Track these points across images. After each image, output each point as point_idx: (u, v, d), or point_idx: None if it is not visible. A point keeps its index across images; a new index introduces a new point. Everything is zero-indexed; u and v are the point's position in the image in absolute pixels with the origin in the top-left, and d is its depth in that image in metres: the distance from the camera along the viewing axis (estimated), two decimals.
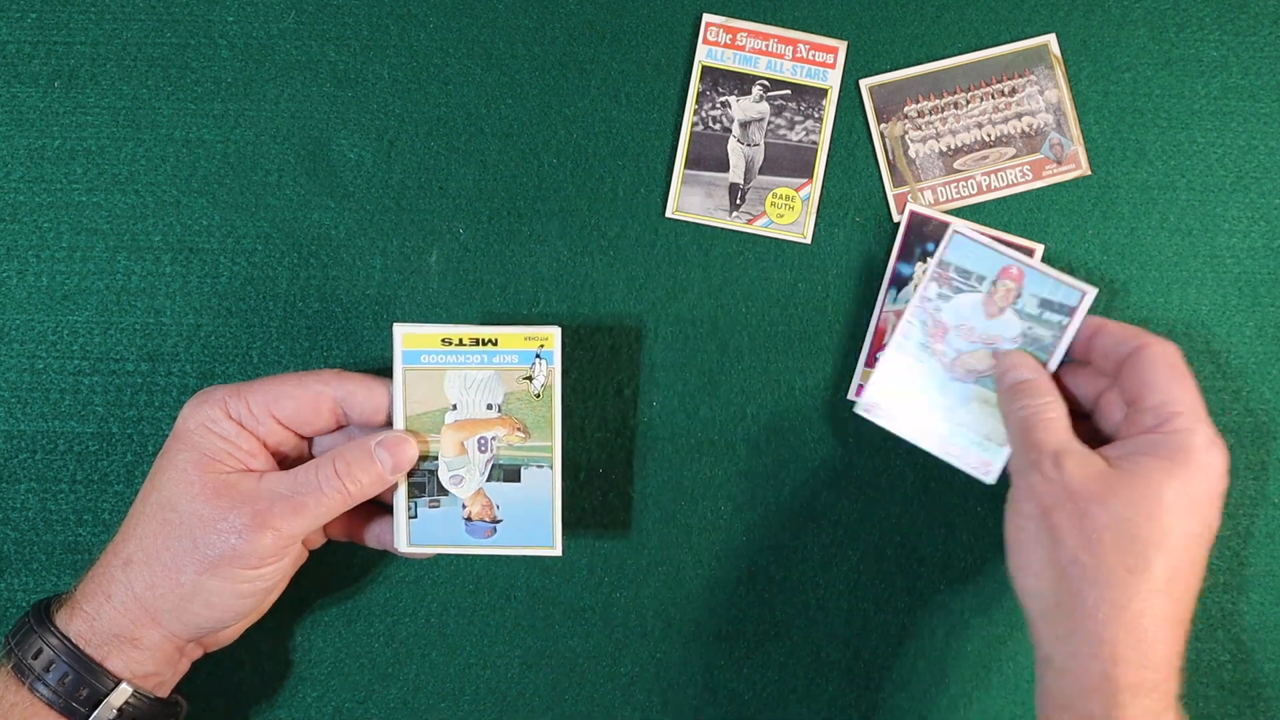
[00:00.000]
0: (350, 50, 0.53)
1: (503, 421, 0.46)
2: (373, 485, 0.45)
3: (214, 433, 0.44)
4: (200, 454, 0.43)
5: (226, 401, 0.44)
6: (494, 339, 0.46)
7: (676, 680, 0.52)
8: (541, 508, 0.47)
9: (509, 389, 0.46)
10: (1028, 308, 0.50)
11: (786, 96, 0.53)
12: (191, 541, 0.42)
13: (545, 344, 0.46)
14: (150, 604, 0.42)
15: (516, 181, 0.53)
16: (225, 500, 0.42)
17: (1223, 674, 0.53)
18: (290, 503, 0.43)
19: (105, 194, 0.52)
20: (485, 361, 0.46)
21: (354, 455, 0.44)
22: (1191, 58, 0.54)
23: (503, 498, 0.47)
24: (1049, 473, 0.43)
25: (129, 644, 0.42)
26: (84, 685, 0.41)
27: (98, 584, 0.43)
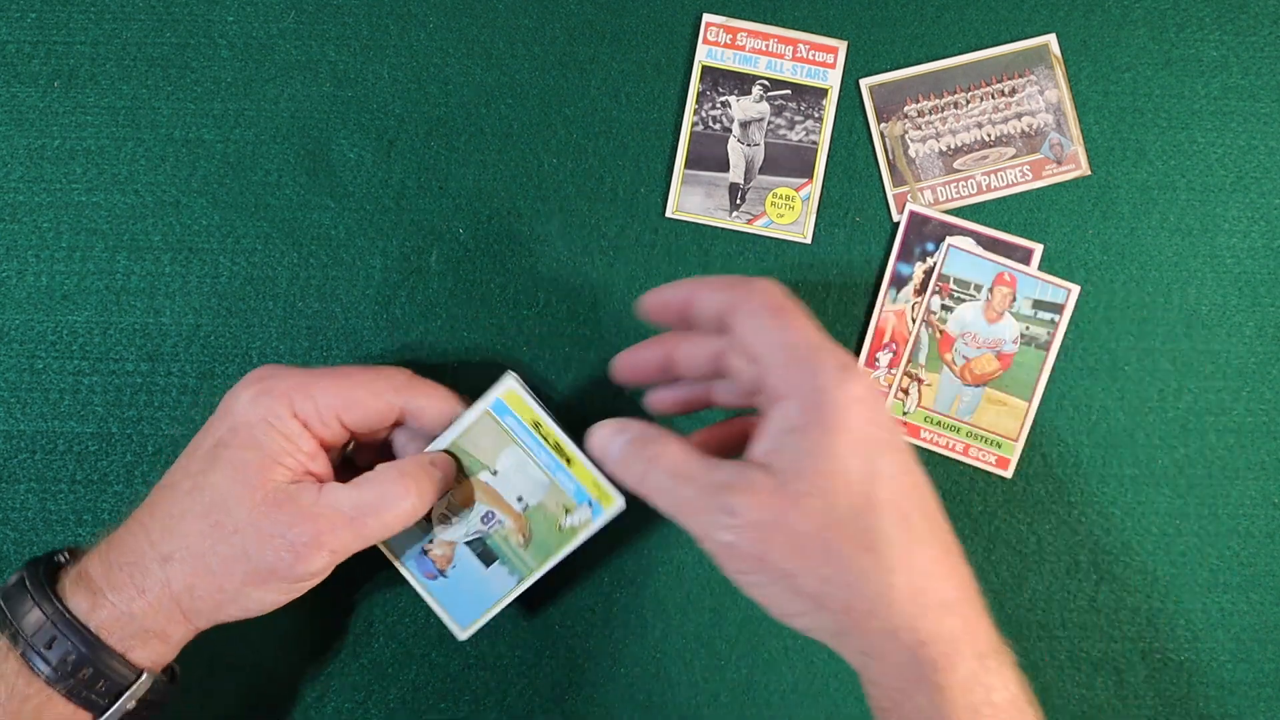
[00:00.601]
0: (350, 50, 0.53)
1: (517, 518, 0.46)
2: (427, 507, 0.44)
3: (277, 430, 0.41)
4: (262, 454, 0.41)
5: (293, 399, 0.42)
6: (570, 458, 0.46)
7: (676, 680, 0.52)
8: (484, 599, 0.47)
9: (545, 502, 0.46)
10: (1023, 309, 0.52)
11: (786, 96, 0.53)
12: (244, 552, 0.40)
13: (604, 501, 0.46)
14: (186, 605, 0.41)
15: (516, 181, 0.53)
16: (285, 515, 0.40)
17: (1223, 674, 0.53)
18: (352, 526, 0.41)
19: (105, 194, 0.52)
20: (550, 467, 0.46)
21: (419, 479, 0.43)
22: (1191, 58, 0.54)
23: (463, 564, 0.47)
24: (726, 521, 0.37)
25: (156, 638, 0.41)
26: (103, 678, 0.39)
27: (129, 575, 0.40)
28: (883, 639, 0.37)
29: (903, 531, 0.37)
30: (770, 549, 0.37)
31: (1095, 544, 0.53)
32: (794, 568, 0.37)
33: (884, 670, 0.37)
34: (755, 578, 0.38)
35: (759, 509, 0.37)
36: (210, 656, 0.51)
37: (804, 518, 0.36)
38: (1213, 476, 0.53)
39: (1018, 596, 0.53)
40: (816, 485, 0.36)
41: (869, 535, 0.36)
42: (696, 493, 0.38)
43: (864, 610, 0.37)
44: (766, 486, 0.37)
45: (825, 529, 0.36)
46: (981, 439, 0.53)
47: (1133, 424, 0.53)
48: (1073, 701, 0.53)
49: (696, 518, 0.38)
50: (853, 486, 0.36)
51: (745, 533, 0.37)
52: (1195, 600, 0.53)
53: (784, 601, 0.38)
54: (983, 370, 0.53)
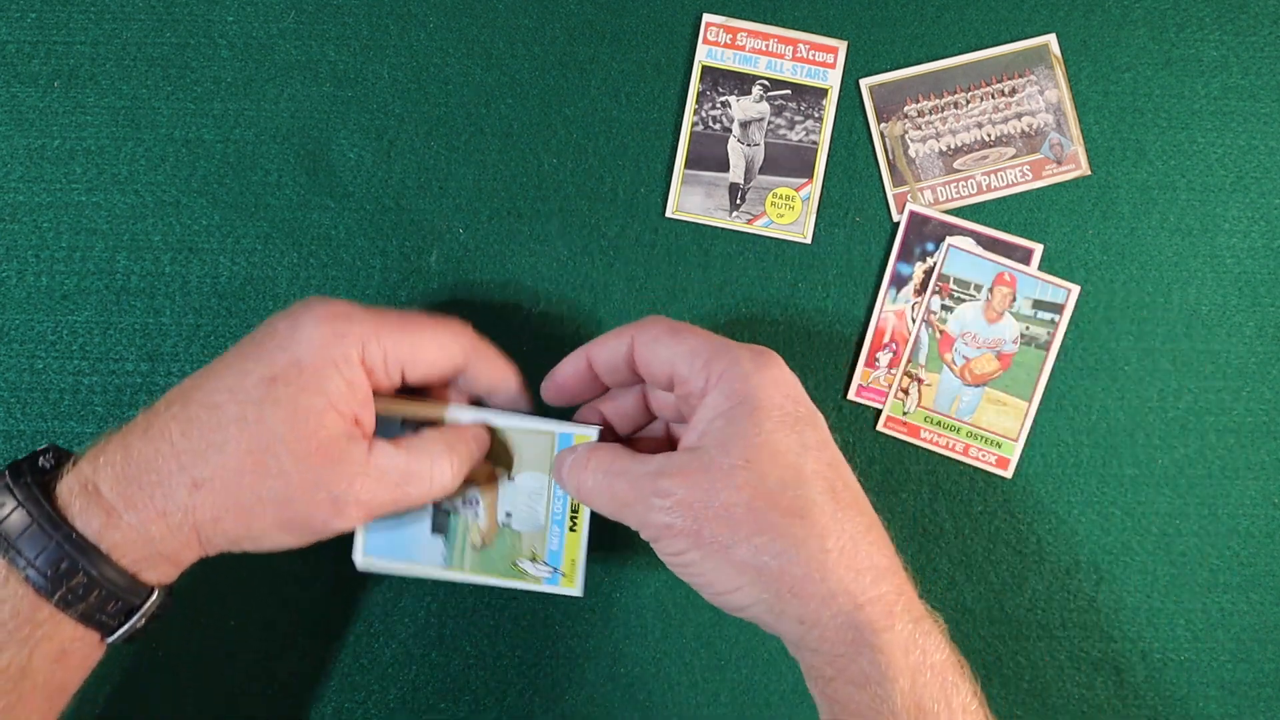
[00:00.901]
0: (350, 50, 0.53)
1: (492, 524, 0.45)
2: (461, 480, 0.43)
3: (343, 376, 0.39)
4: (325, 401, 0.39)
5: (365, 344, 0.40)
6: (575, 526, 0.45)
7: (676, 680, 0.52)
8: (403, 552, 0.45)
9: (524, 535, 0.45)
10: (1023, 309, 0.52)
11: (786, 96, 0.53)
12: (284, 497, 0.38)
13: (566, 580, 0.45)
14: (208, 534, 0.39)
15: (516, 181, 0.53)
16: (334, 472, 0.39)
17: (1223, 674, 0.53)
18: (395, 490, 0.40)
19: (105, 194, 0.52)
20: (555, 518, 0.45)
21: (463, 451, 0.43)
22: (1191, 58, 0.54)
23: (415, 514, 0.45)
24: (659, 503, 0.38)
25: (168, 561, 0.39)
26: (114, 599, 0.38)
27: (149, 496, 0.38)
28: (820, 603, 0.37)
29: (830, 500, 0.38)
30: (704, 524, 0.38)
31: (1095, 544, 0.53)
32: (728, 539, 0.37)
33: (823, 636, 0.38)
34: (692, 555, 0.38)
35: (689, 487, 0.38)
36: (210, 656, 0.51)
37: (734, 490, 0.38)
38: (1213, 476, 0.53)
39: (1018, 596, 0.53)
40: (745, 458, 0.38)
41: (800, 503, 0.38)
42: (629, 484, 0.40)
43: (800, 575, 0.37)
44: (695, 465, 0.38)
45: (756, 498, 0.38)
46: (981, 439, 0.53)
47: (1133, 424, 0.53)
48: (1073, 701, 0.53)
49: (633, 507, 0.40)
50: (780, 459, 0.38)
51: (678, 511, 0.38)
52: (1195, 600, 0.53)
53: (721, 577, 0.38)
54: (983, 370, 0.53)
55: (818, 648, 0.38)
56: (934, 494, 0.53)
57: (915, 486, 0.53)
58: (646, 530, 0.40)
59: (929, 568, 0.53)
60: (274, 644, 0.52)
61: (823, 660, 0.38)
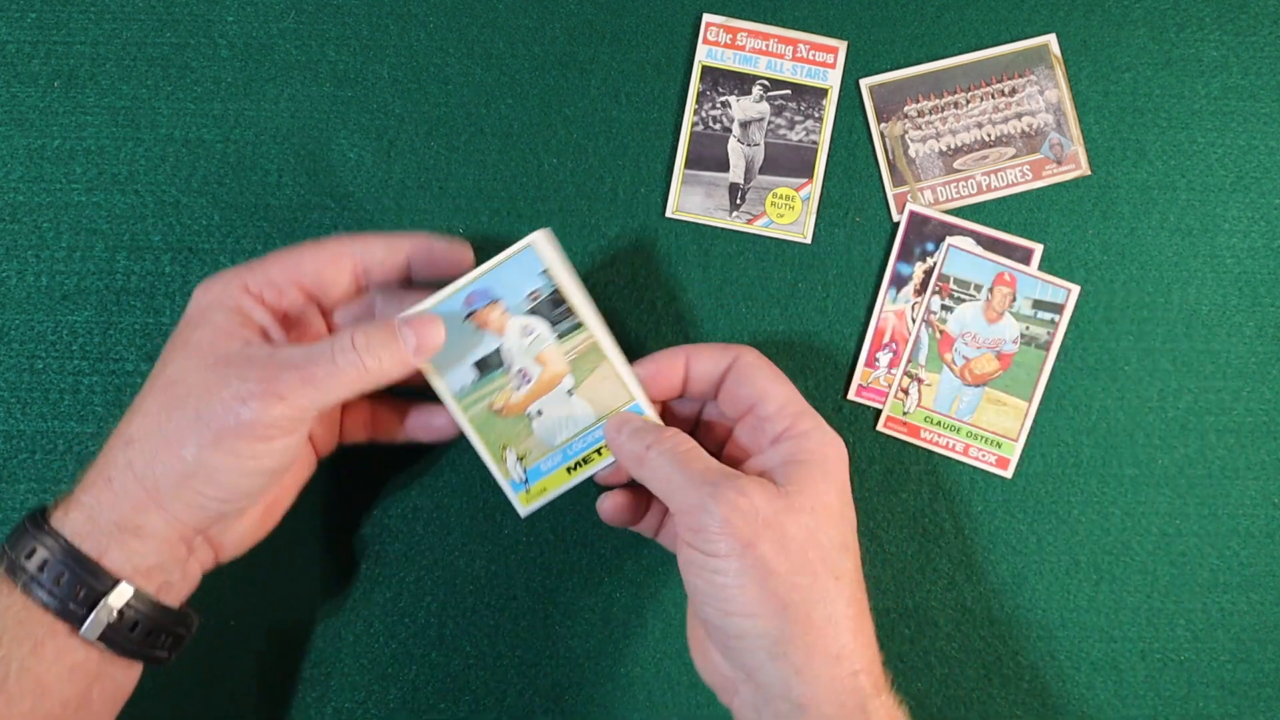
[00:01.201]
0: (350, 50, 0.53)
1: (550, 381, 0.46)
2: (393, 366, 0.42)
3: (228, 307, 0.42)
4: (215, 329, 0.41)
5: (243, 276, 0.42)
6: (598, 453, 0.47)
7: (676, 680, 0.52)
8: (460, 362, 0.46)
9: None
10: (1023, 309, 0.52)
11: (786, 96, 0.53)
12: (195, 412, 0.39)
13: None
14: (151, 483, 0.39)
15: (516, 181, 0.53)
16: (233, 369, 0.40)
17: (1223, 674, 0.53)
18: (301, 372, 0.40)
19: (105, 194, 0.52)
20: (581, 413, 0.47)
21: (375, 330, 0.42)
22: (1191, 58, 0.54)
23: (476, 340, 0.46)
24: (733, 502, 0.39)
25: (130, 534, 0.39)
26: (80, 584, 0.38)
27: (98, 471, 0.40)
28: (824, 660, 0.39)
29: (855, 573, 0.41)
30: (762, 539, 0.39)
31: (1095, 544, 0.53)
32: (774, 565, 0.39)
33: (815, 693, 0.39)
34: (731, 563, 0.39)
35: (765, 499, 0.40)
36: (210, 656, 0.51)
37: (798, 526, 0.40)
38: (1213, 476, 0.53)
39: (1018, 596, 0.53)
40: (813, 504, 0.41)
41: (839, 567, 0.40)
42: (700, 470, 0.41)
43: (818, 626, 0.39)
44: (772, 486, 0.41)
45: (810, 545, 0.40)
46: (981, 439, 0.53)
47: (1133, 424, 0.53)
48: (1073, 701, 0.53)
49: (694, 489, 0.40)
50: (835, 523, 0.41)
51: (745, 514, 0.39)
52: (1195, 600, 0.53)
53: (745, 597, 0.39)
54: (983, 370, 0.53)
55: (806, 703, 0.39)
56: (934, 494, 0.53)
57: (915, 486, 0.53)
58: (693, 516, 0.40)
59: (929, 568, 0.53)
60: (274, 644, 0.52)
61: (807, 718, 0.39)
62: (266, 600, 0.51)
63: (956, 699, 0.53)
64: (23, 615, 0.38)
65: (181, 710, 0.51)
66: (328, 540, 0.52)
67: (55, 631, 0.38)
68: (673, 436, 0.43)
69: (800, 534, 0.40)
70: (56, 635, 0.38)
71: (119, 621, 0.39)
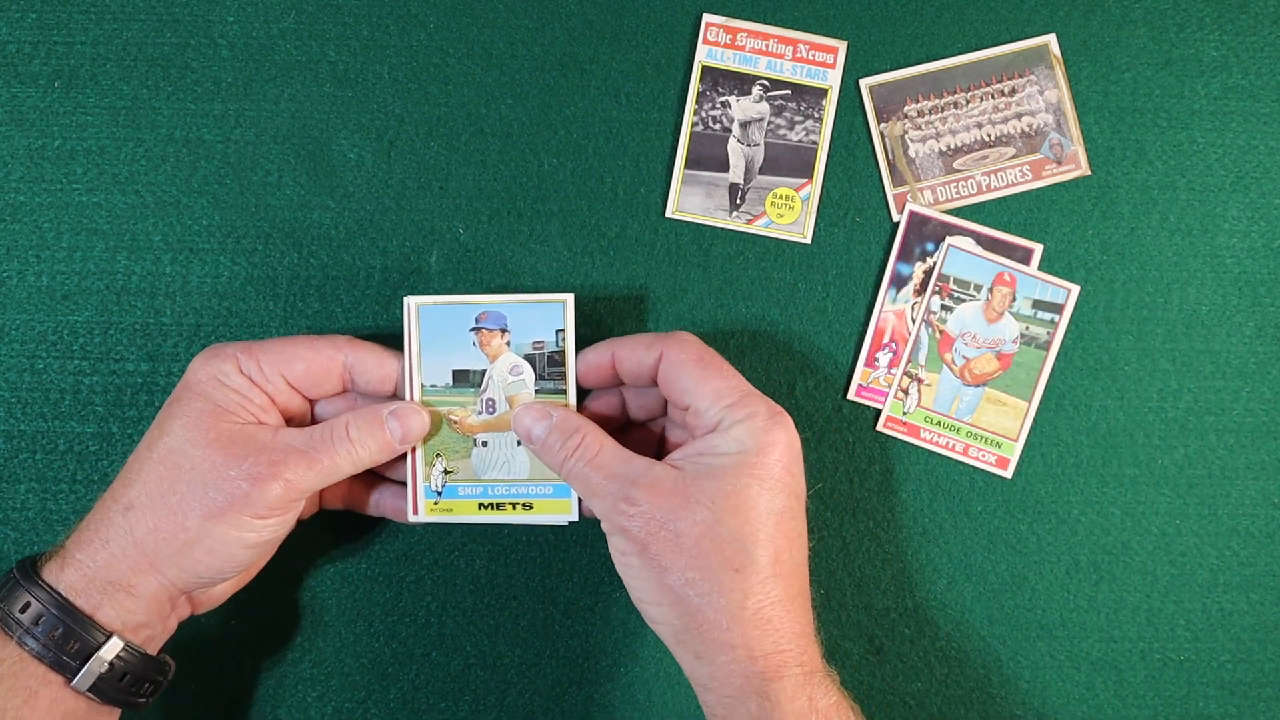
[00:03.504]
0: (350, 50, 0.53)
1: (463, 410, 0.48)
2: (380, 452, 0.45)
3: (226, 385, 0.44)
4: (212, 404, 0.43)
5: (238, 357, 0.44)
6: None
7: (676, 680, 0.52)
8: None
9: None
10: (1023, 309, 0.52)
11: (786, 96, 0.53)
12: (201, 486, 0.42)
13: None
14: (151, 550, 0.41)
15: (516, 181, 0.53)
16: (239, 448, 0.42)
17: (1223, 674, 0.53)
18: (305, 457, 0.43)
19: (105, 194, 0.52)
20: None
21: (365, 420, 0.45)
22: (1191, 58, 0.54)
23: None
24: (625, 508, 0.42)
25: (123, 591, 0.41)
26: (74, 639, 0.40)
27: (94, 531, 0.42)
28: (718, 649, 0.41)
29: (771, 565, 0.41)
30: (653, 540, 0.41)
31: (1095, 544, 0.53)
32: (668, 563, 0.41)
33: (714, 675, 0.41)
34: (633, 560, 0.42)
35: (655, 504, 0.41)
36: (210, 656, 0.51)
37: (691, 524, 0.41)
38: (1213, 476, 0.53)
39: (1018, 596, 0.53)
40: (712, 498, 0.41)
41: (740, 559, 0.41)
42: (606, 480, 0.43)
43: (710, 620, 0.41)
44: (668, 484, 0.42)
45: (705, 539, 0.41)
46: (981, 439, 0.53)
47: (1133, 424, 0.53)
48: (1073, 701, 0.53)
49: (603, 501, 0.43)
50: (742, 514, 0.41)
51: (638, 521, 0.41)
52: (1195, 600, 0.53)
53: (647, 589, 0.42)
54: (983, 370, 0.53)
55: (709, 685, 0.41)
56: (934, 494, 0.53)
57: (915, 486, 0.53)
58: (607, 525, 0.43)
59: (929, 568, 0.53)
60: (274, 644, 0.52)
61: (714, 699, 0.42)
62: (266, 600, 0.51)
63: (956, 699, 0.53)
64: (17, 666, 0.40)
65: (182, 710, 0.51)
66: (327, 540, 0.52)
67: (49, 682, 0.40)
68: (583, 441, 0.44)
69: (694, 530, 0.41)
70: (50, 686, 0.40)
71: (109, 672, 0.41)
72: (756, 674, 0.40)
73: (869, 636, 0.53)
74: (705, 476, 0.42)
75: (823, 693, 0.41)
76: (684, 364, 0.44)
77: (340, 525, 0.52)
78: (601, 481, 0.43)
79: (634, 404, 0.49)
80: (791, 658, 0.41)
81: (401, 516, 0.49)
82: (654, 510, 0.41)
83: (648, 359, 0.45)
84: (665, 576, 0.41)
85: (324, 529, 0.52)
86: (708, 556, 0.41)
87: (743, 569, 0.41)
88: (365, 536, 0.52)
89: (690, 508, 0.41)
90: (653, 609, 0.42)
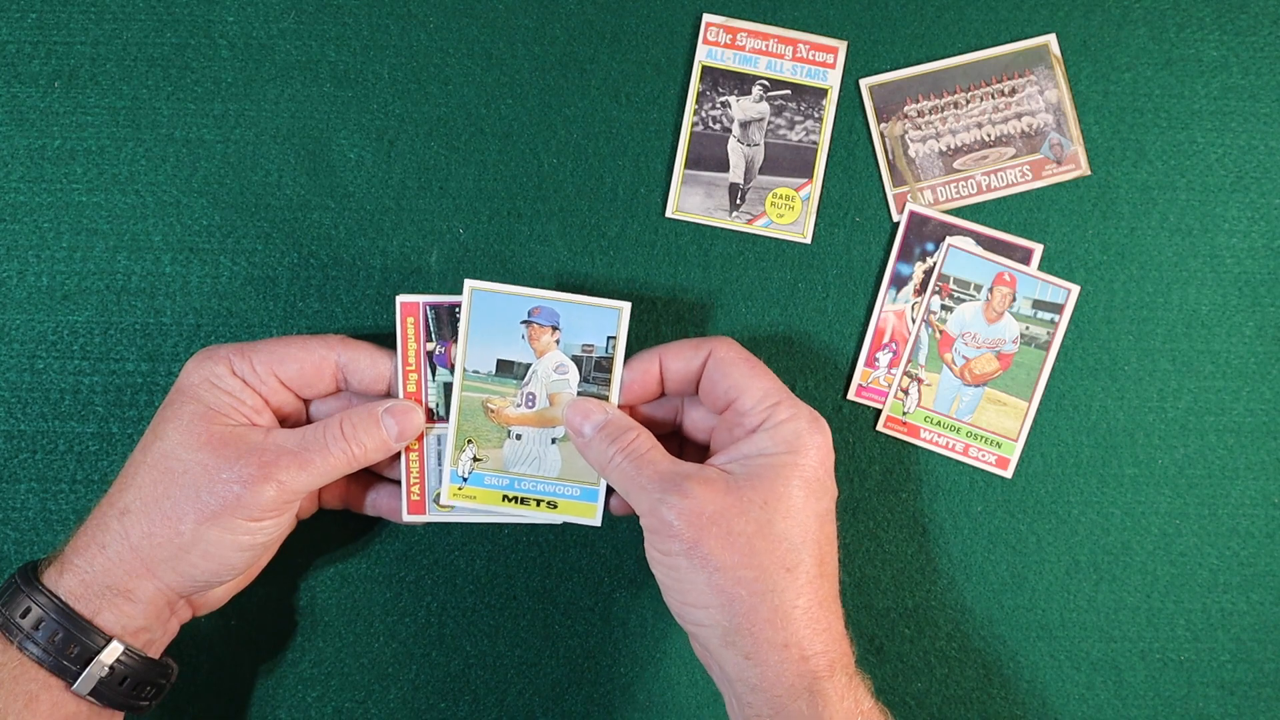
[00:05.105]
0: (350, 50, 0.53)
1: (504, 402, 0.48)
2: (376, 450, 0.45)
3: (218, 387, 0.44)
4: (205, 407, 0.43)
5: (231, 359, 0.44)
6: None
7: (676, 680, 0.52)
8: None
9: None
10: (1023, 309, 0.52)
11: (786, 96, 0.53)
12: (194, 490, 0.42)
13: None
14: (147, 554, 0.42)
15: (516, 181, 0.53)
16: (231, 450, 0.42)
17: (1223, 674, 0.53)
18: (297, 458, 0.43)
19: (105, 194, 0.52)
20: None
21: (361, 418, 0.45)
22: (1191, 58, 0.54)
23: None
24: (679, 505, 0.41)
25: (122, 596, 0.41)
26: (74, 643, 0.40)
27: (90, 536, 0.42)
28: (771, 648, 0.40)
29: (815, 565, 0.42)
30: (706, 536, 0.41)
31: (1095, 544, 0.53)
32: (721, 562, 0.41)
33: (765, 676, 0.41)
34: (680, 560, 0.41)
35: (709, 497, 0.41)
36: (210, 656, 0.51)
37: (745, 520, 0.41)
38: (1213, 476, 0.53)
39: (1018, 596, 0.53)
40: (764, 498, 0.41)
41: (792, 557, 0.41)
42: (656, 475, 0.43)
43: (765, 619, 0.40)
44: (720, 484, 0.42)
45: (758, 537, 0.41)
46: (981, 439, 0.53)
47: (1133, 424, 0.53)
48: (1073, 701, 0.53)
49: (651, 496, 0.42)
50: (793, 515, 0.42)
51: (689, 515, 0.41)
52: (1195, 600, 0.53)
53: (695, 590, 0.41)
54: (983, 370, 0.53)
55: (758, 685, 0.41)
56: (934, 494, 0.53)
57: (915, 486, 0.53)
58: (651, 519, 0.42)
59: (929, 568, 0.53)
60: (274, 644, 0.52)
61: (762, 699, 0.41)
62: (266, 600, 0.52)
63: (956, 699, 0.53)
64: (17, 671, 0.40)
65: (182, 710, 0.51)
66: (327, 540, 0.52)
67: (49, 686, 0.40)
68: (634, 440, 0.44)
69: (748, 528, 0.41)
70: (50, 690, 0.40)
71: (109, 676, 0.41)
72: (809, 673, 0.40)
73: (869, 636, 0.53)
74: (755, 477, 0.42)
75: (864, 696, 0.42)
76: (733, 361, 0.45)
77: (340, 525, 0.52)
78: (651, 476, 0.43)
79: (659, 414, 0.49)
80: (837, 658, 0.41)
81: (396, 516, 0.49)
82: (706, 505, 0.41)
83: (695, 360, 0.46)
84: (716, 576, 0.41)
85: (323, 529, 0.52)
86: (762, 556, 0.41)
87: (794, 569, 0.41)
88: (365, 536, 0.52)
89: (744, 508, 0.41)
90: (699, 611, 0.42)
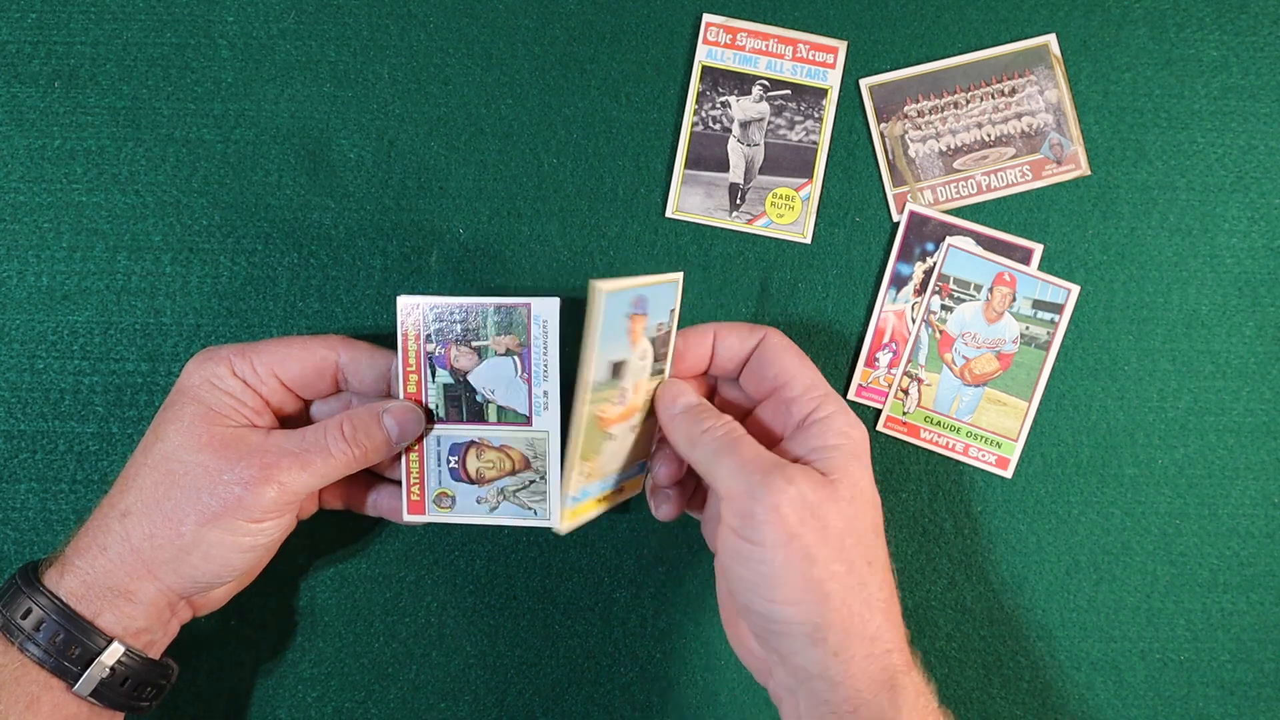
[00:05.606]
0: (350, 50, 0.53)
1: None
2: (377, 451, 0.45)
3: (219, 389, 0.44)
4: (206, 408, 0.43)
5: (231, 360, 0.44)
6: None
7: (676, 680, 0.52)
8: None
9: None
10: (1023, 309, 0.52)
11: (786, 96, 0.53)
12: (195, 491, 0.42)
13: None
14: (148, 555, 0.42)
15: (516, 181, 0.53)
16: (232, 452, 0.42)
17: (1223, 674, 0.53)
18: (298, 459, 0.43)
19: (105, 194, 0.52)
20: None
21: (362, 419, 0.44)
22: (1191, 58, 0.54)
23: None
24: (786, 491, 0.39)
25: (122, 597, 0.41)
26: (75, 644, 0.40)
27: (92, 537, 0.42)
28: (860, 641, 0.40)
29: (884, 559, 0.42)
30: (806, 528, 0.39)
31: (1095, 544, 0.53)
32: (816, 554, 0.39)
33: (850, 670, 0.40)
34: (777, 552, 0.39)
35: (812, 488, 0.40)
36: (210, 656, 0.51)
37: (838, 515, 0.40)
38: (1213, 476, 0.53)
39: (1018, 596, 0.53)
40: (850, 492, 0.41)
41: (873, 552, 0.41)
42: (756, 456, 0.41)
43: (855, 612, 0.40)
44: (815, 474, 0.41)
45: (848, 533, 0.40)
46: (981, 439, 0.53)
47: (1133, 424, 0.53)
48: (1073, 701, 0.53)
49: (749, 478, 0.40)
50: (871, 507, 0.42)
51: (796, 503, 0.39)
52: (1195, 600, 0.53)
53: (787, 585, 0.39)
54: (983, 370, 0.53)
55: (841, 681, 0.39)
56: (934, 494, 0.53)
57: (915, 486, 0.53)
58: (743, 502, 0.40)
59: (929, 568, 0.53)
60: (274, 644, 0.52)
61: (841, 695, 0.40)
62: (266, 600, 0.52)
63: (956, 699, 0.53)
64: (19, 672, 0.40)
65: (182, 710, 0.51)
66: (327, 540, 0.52)
67: (50, 687, 0.40)
68: (727, 422, 0.43)
69: (840, 522, 0.40)
70: (51, 691, 0.40)
71: (110, 677, 0.41)
72: (892, 666, 0.40)
73: None
74: (839, 470, 0.41)
75: (933, 693, 0.42)
76: (786, 348, 0.45)
77: (340, 525, 0.52)
78: (751, 458, 0.41)
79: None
80: (909, 652, 0.41)
81: (397, 516, 0.49)
82: (809, 495, 0.40)
83: (750, 340, 0.46)
84: (812, 569, 0.39)
85: (323, 529, 0.52)
86: (850, 550, 0.40)
87: (874, 562, 0.41)
88: (365, 536, 0.52)
89: (836, 500, 0.40)
90: (790, 608, 0.40)
